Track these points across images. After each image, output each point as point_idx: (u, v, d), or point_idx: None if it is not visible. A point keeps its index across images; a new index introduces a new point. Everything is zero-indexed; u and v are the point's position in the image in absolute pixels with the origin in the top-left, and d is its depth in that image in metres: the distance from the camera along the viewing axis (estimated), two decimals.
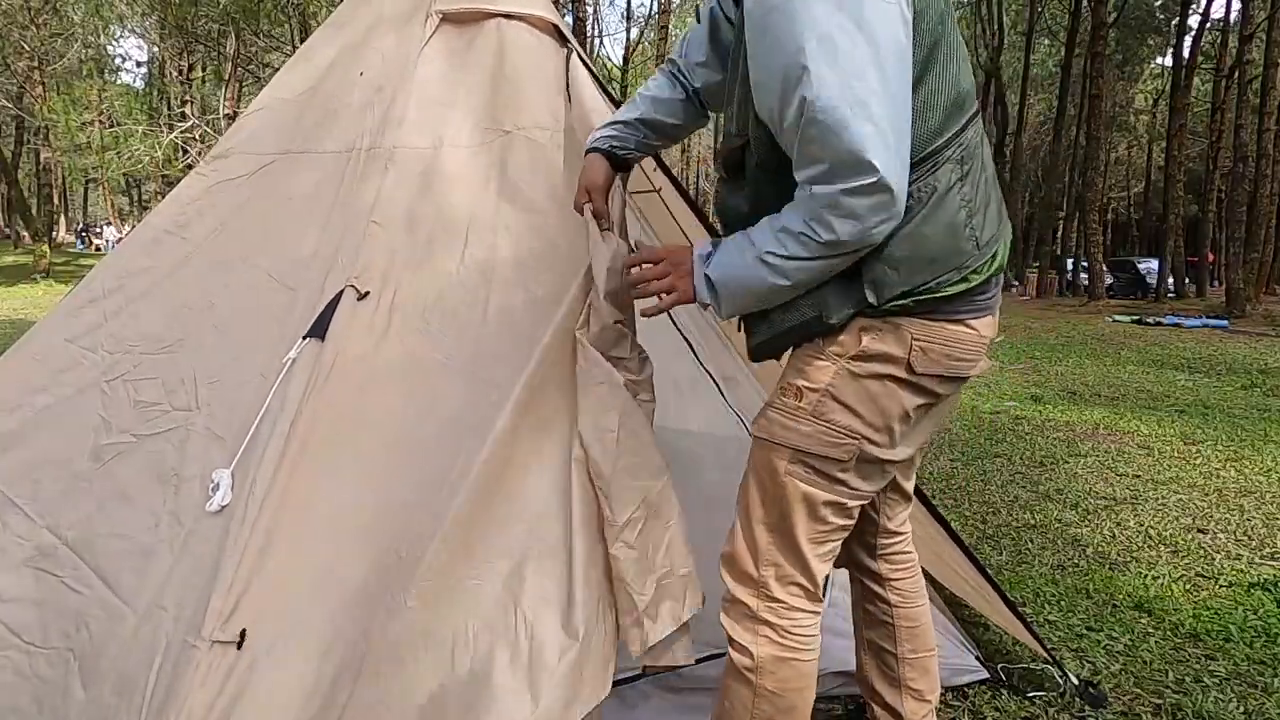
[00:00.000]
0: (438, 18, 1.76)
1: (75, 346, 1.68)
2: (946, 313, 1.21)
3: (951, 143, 1.16)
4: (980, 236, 1.20)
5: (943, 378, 1.24)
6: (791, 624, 1.33)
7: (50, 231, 24.75)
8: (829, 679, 1.98)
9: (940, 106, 1.14)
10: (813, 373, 1.23)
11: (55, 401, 1.61)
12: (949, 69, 1.15)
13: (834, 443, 1.23)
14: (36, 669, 1.29)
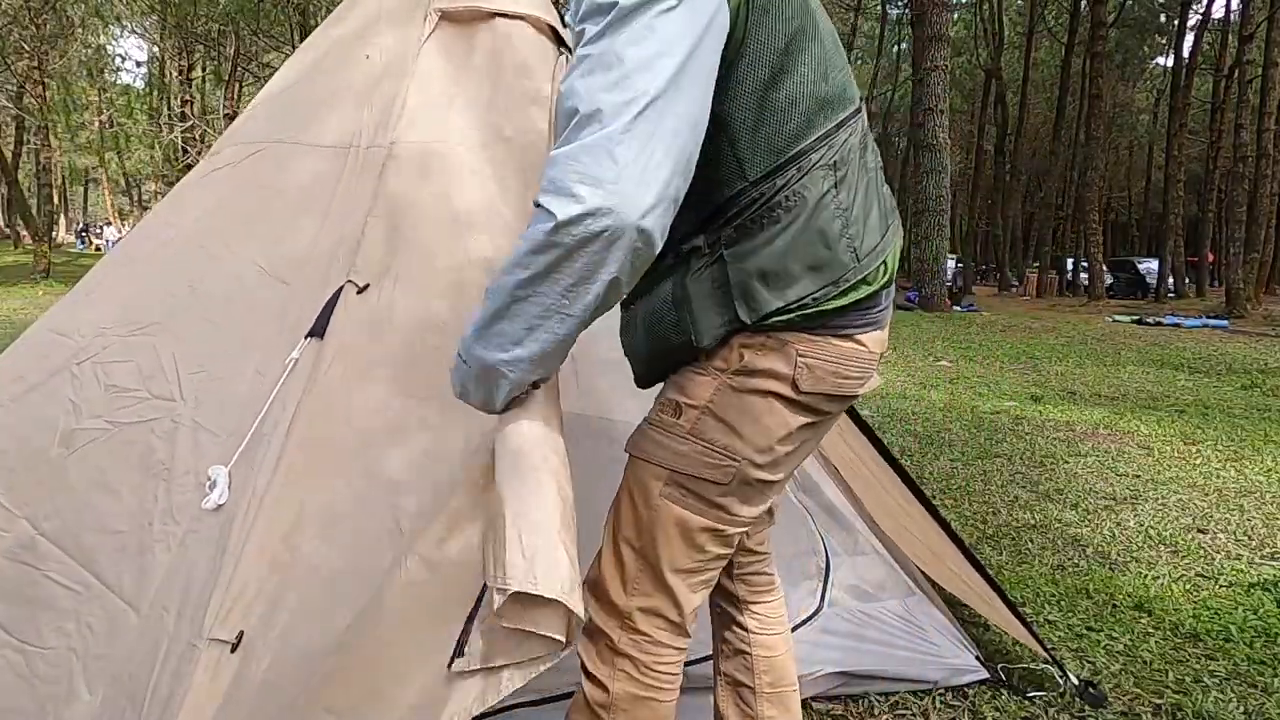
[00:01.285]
0: (436, 16, 1.76)
1: (53, 333, 1.65)
2: (833, 328, 1.12)
3: (819, 145, 1.06)
4: (859, 247, 1.10)
5: (830, 396, 1.16)
6: (654, 660, 1.21)
7: (50, 231, 24.76)
8: (828, 679, 1.97)
9: (801, 106, 1.05)
10: (693, 388, 1.13)
11: (28, 388, 1.56)
12: (811, 65, 1.06)
13: (713, 464, 1.13)
14: (35, 669, 1.29)
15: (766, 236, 1.05)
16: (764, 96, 1.03)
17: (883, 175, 1.22)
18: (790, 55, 1.04)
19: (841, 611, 2.21)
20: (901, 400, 6.45)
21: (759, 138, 1.04)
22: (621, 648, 1.20)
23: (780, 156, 1.04)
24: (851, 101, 1.13)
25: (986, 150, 29.23)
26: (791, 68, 1.04)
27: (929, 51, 16.22)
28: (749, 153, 1.04)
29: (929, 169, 16.30)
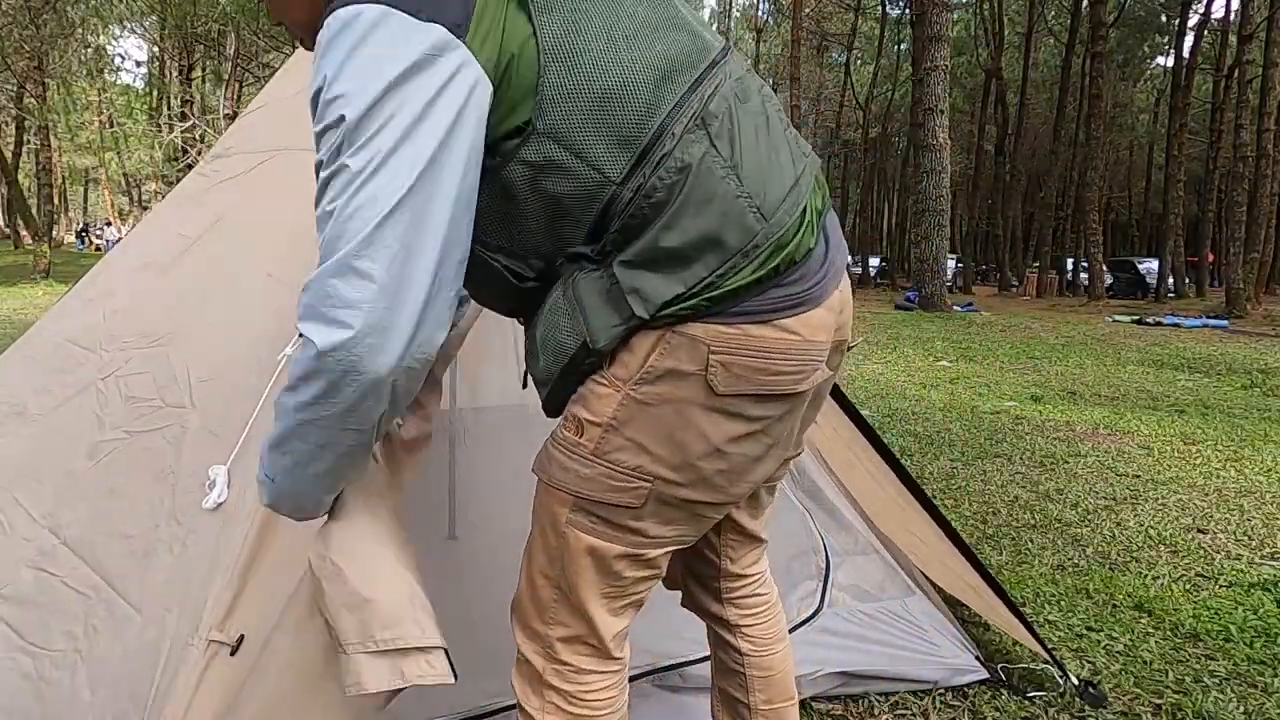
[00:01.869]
0: None
1: (76, 347, 1.68)
2: (750, 313, 0.95)
3: (676, 113, 0.93)
4: (764, 203, 0.95)
5: (761, 398, 0.98)
6: (581, 689, 1.11)
7: (50, 231, 24.77)
8: (828, 679, 1.98)
9: (638, 88, 0.92)
10: (594, 402, 0.99)
11: (58, 403, 1.61)
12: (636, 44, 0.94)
13: (620, 487, 1.00)
14: (41, 671, 1.29)
15: (654, 226, 0.93)
16: (592, 96, 0.91)
17: (784, 118, 1.07)
18: (608, 46, 0.92)
19: (841, 611, 2.21)
20: (901, 400, 6.45)
21: (604, 137, 0.92)
22: (548, 679, 1.11)
23: (635, 145, 0.92)
24: (704, 56, 0.99)
25: (986, 150, 29.23)
26: (612, 57, 0.92)
27: (929, 51, 16.23)
28: (600, 156, 0.92)
29: (929, 169, 16.31)
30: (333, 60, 0.84)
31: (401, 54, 0.83)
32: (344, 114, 0.83)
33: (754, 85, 1.04)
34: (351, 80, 0.83)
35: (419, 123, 0.83)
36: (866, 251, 31.13)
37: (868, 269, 28.86)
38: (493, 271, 1.00)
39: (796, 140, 1.06)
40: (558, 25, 0.91)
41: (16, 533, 1.45)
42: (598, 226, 0.95)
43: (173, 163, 21.53)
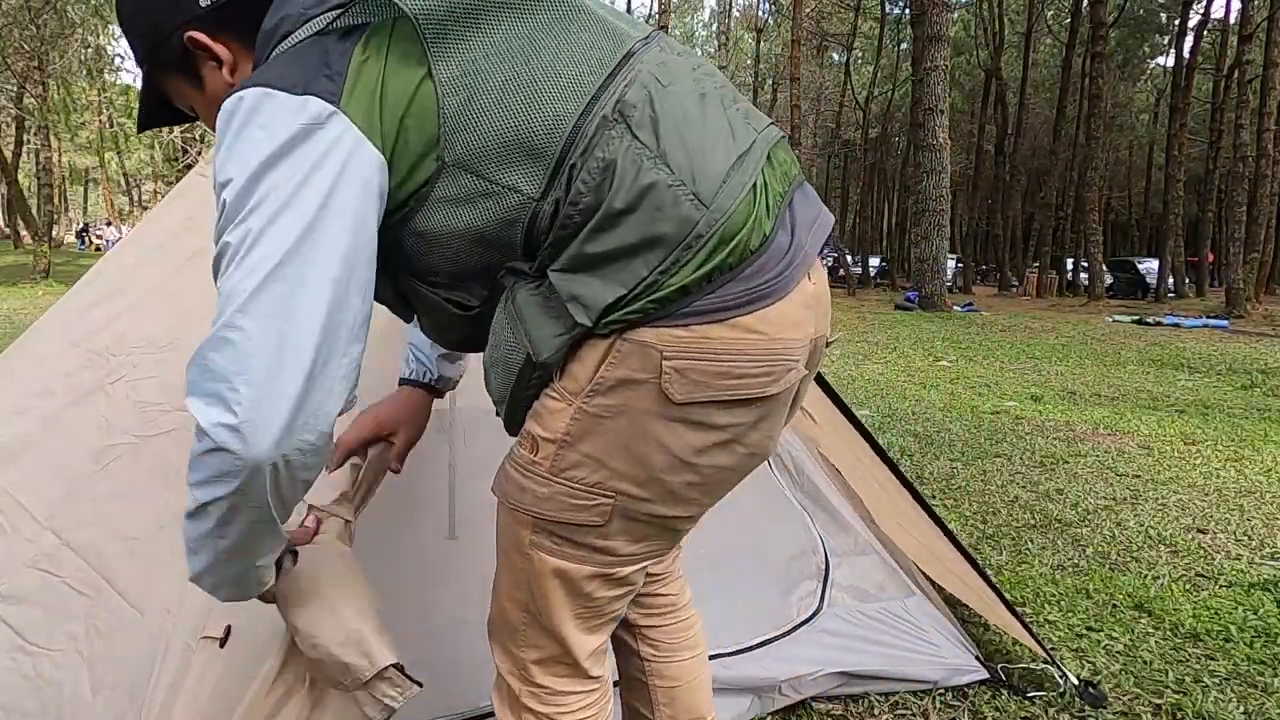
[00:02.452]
0: None
1: (82, 350, 1.69)
2: (704, 312, 0.88)
3: (590, 109, 0.89)
4: (700, 188, 0.88)
5: (725, 404, 0.92)
6: (558, 710, 1.06)
7: (50, 231, 24.78)
8: (828, 679, 1.98)
9: (544, 99, 0.88)
10: (547, 418, 0.94)
11: (63, 405, 1.61)
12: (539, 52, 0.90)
13: (580, 505, 0.95)
14: (41, 671, 1.30)
15: (585, 230, 0.88)
16: (494, 120, 0.88)
17: (730, 95, 1.00)
18: (510, 69, 0.89)
19: (841, 611, 2.21)
20: (901, 400, 6.45)
21: (513, 155, 0.88)
22: (524, 701, 1.07)
23: (548, 155, 0.88)
24: (616, 50, 0.94)
25: (986, 150, 29.23)
26: (512, 77, 0.88)
27: (929, 51, 16.23)
28: (513, 175, 0.88)
29: (929, 169, 16.32)
30: (222, 148, 0.86)
31: (278, 130, 0.83)
32: (225, 197, 0.84)
33: (684, 66, 0.97)
34: (234, 164, 0.84)
35: (295, 195, 0.82)
36: (866, 251, 31.10)
37: (868, 269, 28.83)
38: (438, 306, 0.99)
39: (748, 116, 0.99)
40: (455, 62, 0.88)
41: (19, 533, 1.45)
42: (529, 244, 0.91)
43: (172, 163, 21.53)
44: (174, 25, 0.99)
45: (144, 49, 1.03)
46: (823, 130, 34.04)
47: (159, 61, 1.03)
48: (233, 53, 1.00)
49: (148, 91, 1.08)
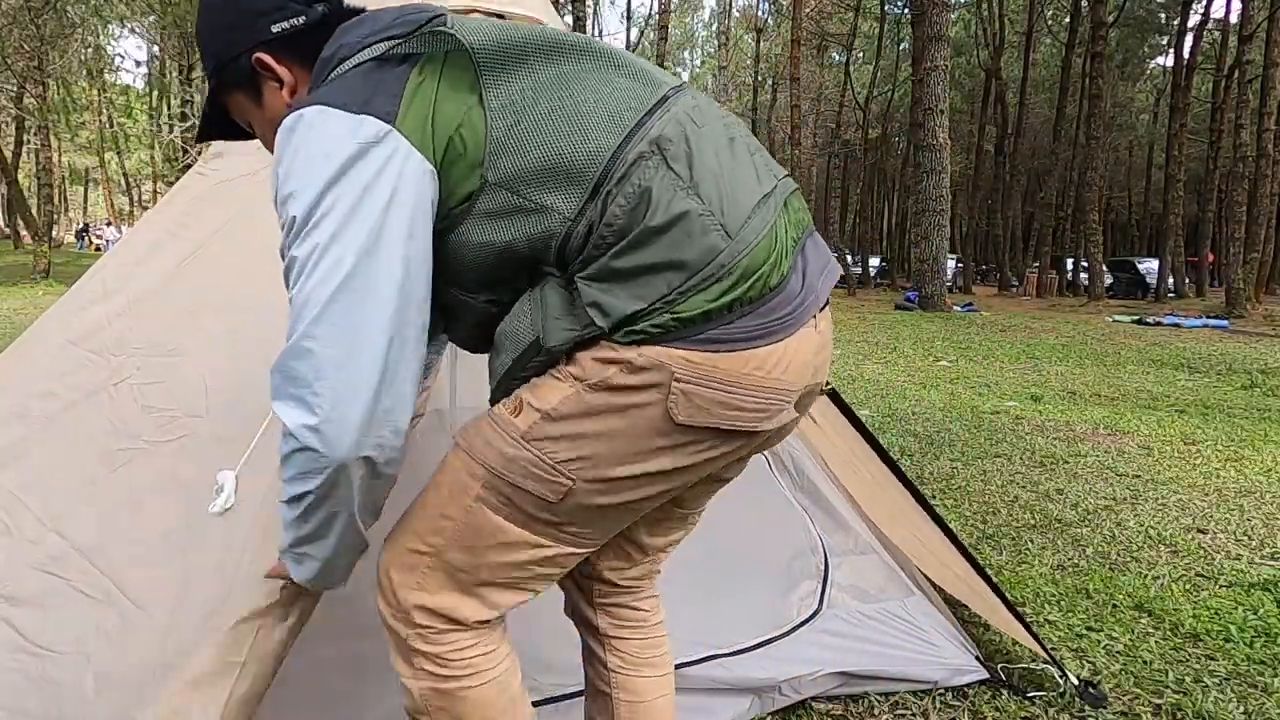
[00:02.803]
0: None
1: (81, 350, 1.68)
2: (721, 340, 0.93)
3: (627, 145, 0.95)
4: (728, 220, 0.93)
5: (720, 431, 0.96)
6: (450, 648, 1.06)
7: (50, 231, 24.78)
8: (828, 679, 1.98)
9: (589, 128, 0.95)
10: (542, 389, 0.98)
11: (64, 406, 1.61)
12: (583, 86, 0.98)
13: (540, 477, 0.97)
14: (45, 672, 1.30)
15: (615, 248, 0.93)
16: (538, 145, 0.94)
17: (753, 143, 1.07)
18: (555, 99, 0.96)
19: (841, 612, 2.21)
20: (901, 400, 6.45)
21: (553, 178, 0.94)
22: (413, 644, 1.06)
23: (586, 180, 0.94)
24: (654, 94, 1.01)
25: (986, 150, 29.23)
26: (559, 106, 0.96)
27: (929, 51, 16.23)
28: (552, 196, 0.94)
29: (929, 169, 16.32)
30: (283, 163, 0.94)
31: (337, 149, 0.91)
32: (293, 213, 0.91)
33: (713, 112, 1.05)
34: (296, 179, 0.92)
35: (356, 210, 0.90)
36: (866, 251, 31.08)
37: (868, 269, 28.81)
38: (472, 309, 1.05)
39: (767, 163, 1.06)
40: (504, 91, 0.96)
41: (23, 535, 1.45)
42: (561, 257, 0.97)
43: (172, 163, 21.53)
44: (245, 47, 1.08)
45: (214, 65, 1.12)
46: (823, 130, 34.03)
47: (225, 78, 1.12)
48: (294, 75, 1.09)
49: (211, 104, 1.17)
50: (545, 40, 1.00)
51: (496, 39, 0.97)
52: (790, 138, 22.17)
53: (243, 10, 1.08)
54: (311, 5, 1.08)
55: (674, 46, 38.96)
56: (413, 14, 1.01)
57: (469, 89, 0.96)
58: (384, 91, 0.94)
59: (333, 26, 1.06)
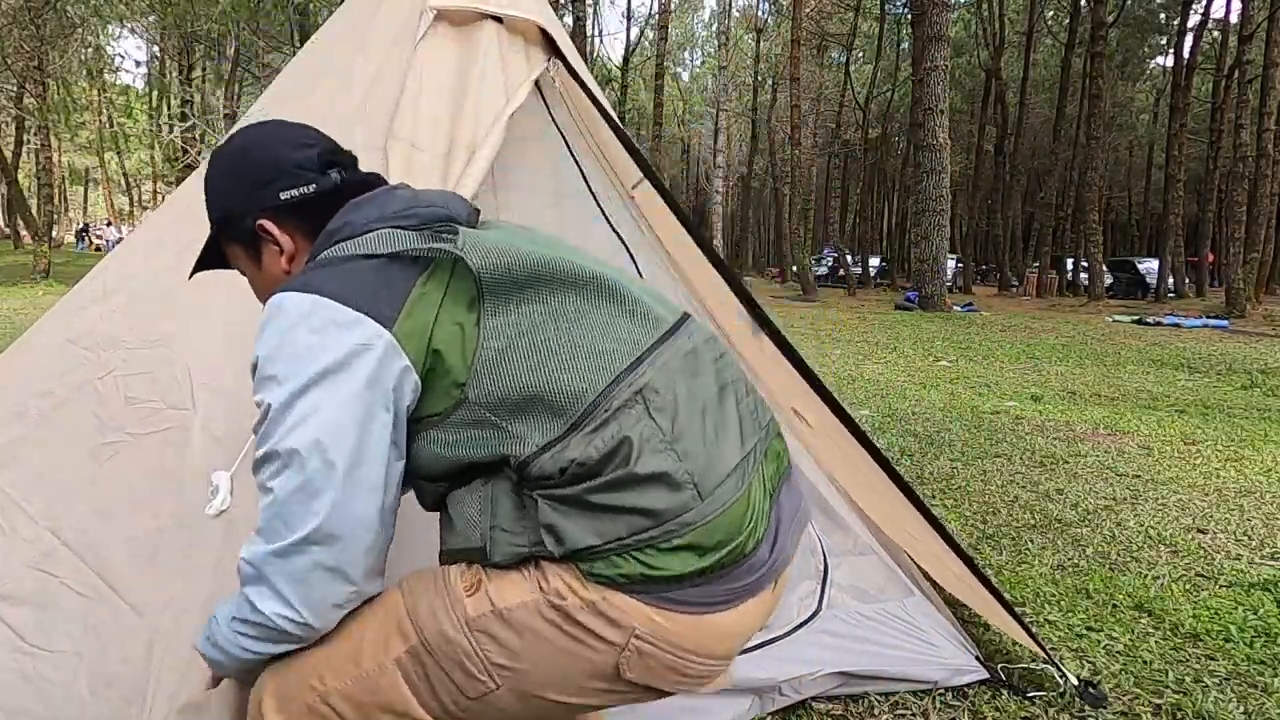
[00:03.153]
0: (432, 14, 1.77)
1: (77, 348, 1.68)
2: (690, 603, 0.91)
3: (614, 389, 0.93)
4: (702, 481, 0.92)
5: (656, 690, 0.96)
6: None
7: (50, 231, 24.79)
8: (828, 679, 1.98)
9: (577, 366, 0.93)
10: (505, 583, 0.93)
11: (58, 404, 1.61)
12: (584, 327, 0.96)
13: (469, 670, 0.92)
14: (41, 671, 1.30)
15: (583, 484, 0.91)
16: (526, 376, 0.92)
17: (743, 387, 1.06)
18: (550, 334, 0.95)
19: (841, 612, 2.21)
20: (901, 400, 6.45)
21: (533, 410, 0.92)
22: None
23: (568, 416, 0.92)
24: (651, 334, 1.00)
25: (986, 150, 29.22)
26: (553, 342, 0.94)
27: (929, 51, 16.23)
28: (529, 425, 0.92)
29: (929, 169, 16.32)
30: (267, 340, 0.92)
31: (329, 346, 0.89)
32: (271, 401, 0.89)
33: (708, 356, 1.04)
34: (281, 365, 0.90)
35: (341, 419, 0.88)
36: (866, 251, 31.09)
37: (868, 269, 28.82)
38: (427, 489, 1.03)
39: (754, 411, 1.05)
40: (503, 317, 0.95)
41: (17, 534, 1.45)
42: (522, 473, 0.94)
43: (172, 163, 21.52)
44: (250, 209, 1.07)
45: (218, 217, 1.11)
46: (823, 130, 34.02)
47: (227, 233, 1.11)
48: (295, 243, 1.08)
49: (210, 249, 1.15)
50: (554, 270, 0.98)
51: (505, 264, 0.95)
52: (790, 138, 22.16)
53: (255, 173, 1.07)
54: (325, 173, 1.07)
55: (674, 46, 38.95)
56: (424, 208, 1.01)
57: (468, 306, 0.95)
58: (389, 292, 0.93)
59: (344, 195, 1.05)
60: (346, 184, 1.07)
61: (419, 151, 1.65)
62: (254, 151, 1.08)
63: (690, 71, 47.90)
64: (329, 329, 0.89)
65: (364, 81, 1.79)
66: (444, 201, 1.05)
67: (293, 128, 1.12)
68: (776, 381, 2.38)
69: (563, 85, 2.02)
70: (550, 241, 1.09)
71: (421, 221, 0.99)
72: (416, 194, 1.05)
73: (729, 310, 2.25)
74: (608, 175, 2.31)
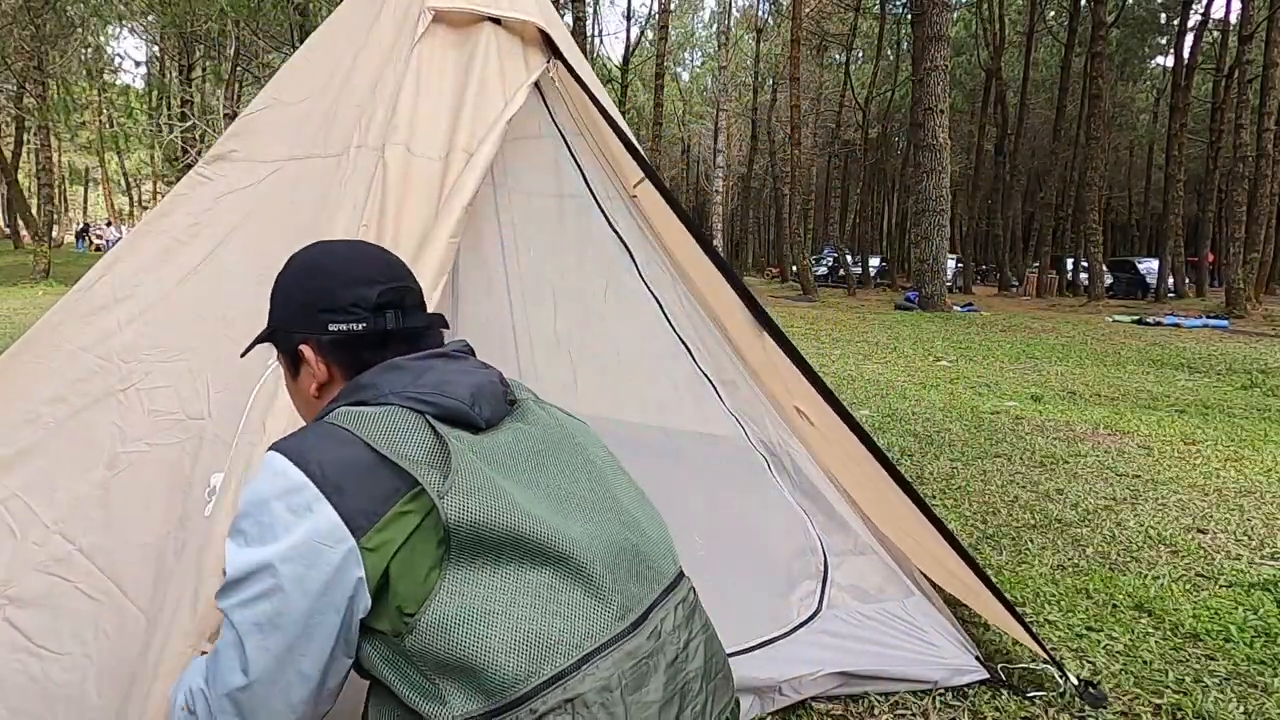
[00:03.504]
0: (430, 15, 1.77)
1: (90, 356, 1.69)
2: None
3: (549, 687, 0.89)
4: None
5: None
6: None
7: (50, 231, 24.79)
8: (828, 679, 1.98)
9: (522, 653, 0.89)
10: None
11: (74, 411, 1.62)
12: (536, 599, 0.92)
13: None
14: (49, 673, 1.30)
15: None
16: (467, 646, 0.88)
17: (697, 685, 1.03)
18: (502, 610, 0.90)
19: (841, 612, 2.21)
20: (901, 400, 6.45)
21: (462, 680, 0.89)
22: None
23: (493, 699, 0.88)
24: (619, 622, 0.96)
25: (986, 150, 29.21)
26: (501, 622, 0.90)
27: (929, 51, 16.22)
28: (453, 690, 0.89)
29: (929, 169, 16.31)
30: (252, 492, 0.93)
31: (298, 530, 0.89)
32: (232, 558, 0.91)
33: (669, 655, 1.00)
34: (251, 525, 0.91)
35: (288, 607, 0.89)
36: (866, 251, 31.07)
37: (868, 269, 28.81)
38: None
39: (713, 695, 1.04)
40: (464, 574, 0.91)
41: (28, 538, 1.46)
42: None
43: (173, 163, 21.51)
44: (297, 330, 1.08)
45: (271, 321, 1.14)
46: (823, 130, 34.02)
47: (275, 337, 1.13)
48: (330, 375, 1.09)
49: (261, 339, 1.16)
50: (530, 541, 0.94)
51: (481, 521, 0.92)
52: (790, 138, 22.15)
53: (310, 298, 1.07)
54: (381, 314, 1.06)
55: (674, 46, 38.95)
56: (448, 399, 0.99)
57: (438, 543, 0.92)
58: (371, 497, 0.91)
59: (394, 340, 1.06)
60: (398, 332, 1.07)
61: (415, 156, 1.65)
62: (317, 275, 1.09)
63: (690, 71, 47.90)
64: (304, 514, 0.89)
65: (362, 81, 1.80)
66: (473, 395, 1.02)
67: (366, 259, 1.11)
68: (778, 381, 2.38)
69: (563, 85, 2.03)
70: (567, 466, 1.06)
71: (439, 412, 0.98)
72: (448, 377, 1.03)
73: (731, 309, 2.26)
74: (608, 175, 2.31)
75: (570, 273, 2.69)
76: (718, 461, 2.62)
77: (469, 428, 1.00)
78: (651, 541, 1.07)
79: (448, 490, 0.92)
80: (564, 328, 2.70)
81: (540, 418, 1.11)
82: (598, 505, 1.05)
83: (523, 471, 1.01)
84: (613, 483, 1.10)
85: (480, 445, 0.99)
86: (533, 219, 2.57)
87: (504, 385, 1.10)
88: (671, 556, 1.10)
